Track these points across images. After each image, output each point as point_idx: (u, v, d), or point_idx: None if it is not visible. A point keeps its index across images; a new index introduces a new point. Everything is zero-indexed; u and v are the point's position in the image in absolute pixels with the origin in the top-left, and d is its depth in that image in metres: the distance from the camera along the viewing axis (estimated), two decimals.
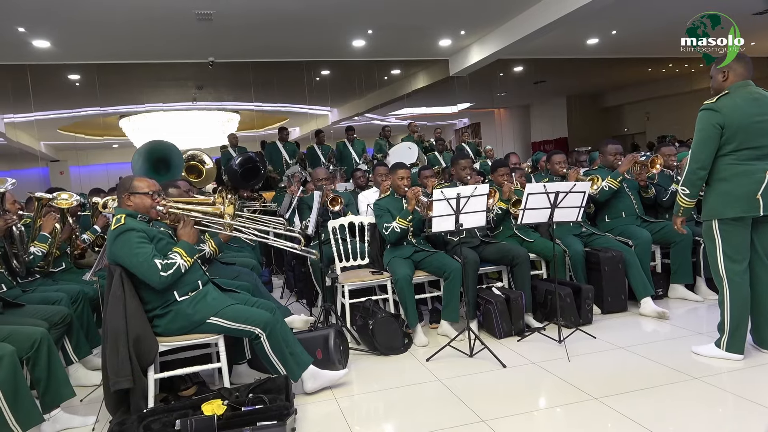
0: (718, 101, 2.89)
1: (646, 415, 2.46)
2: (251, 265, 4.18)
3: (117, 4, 6.86)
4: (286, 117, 15.94)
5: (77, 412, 2.87)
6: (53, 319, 3.08)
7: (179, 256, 2.75)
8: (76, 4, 6.72)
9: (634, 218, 4.40)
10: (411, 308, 3.72)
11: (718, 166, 2.94)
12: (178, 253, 2.77)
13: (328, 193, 4.61)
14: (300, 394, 2.91)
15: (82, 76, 10.37)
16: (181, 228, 2.90)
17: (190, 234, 2.89)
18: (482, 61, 10.13)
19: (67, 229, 3.99)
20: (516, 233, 4.26)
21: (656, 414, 2.47)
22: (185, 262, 2.76)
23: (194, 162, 5.68)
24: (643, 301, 3.97)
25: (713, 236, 2.98)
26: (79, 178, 15.40)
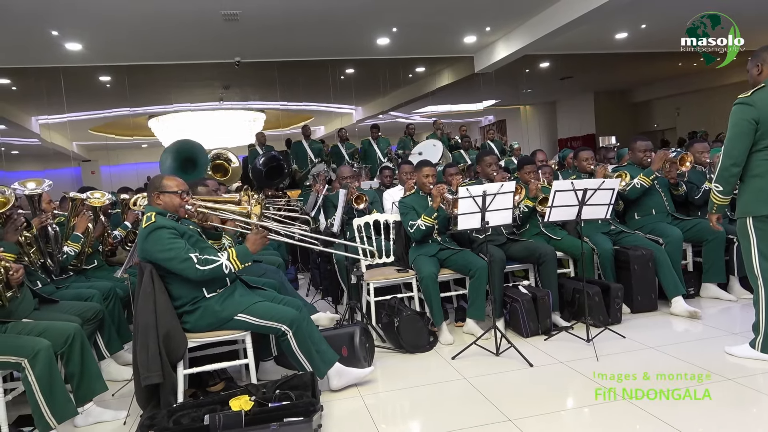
0: (753, 95, 2.81)
1: (676, 416, 2.40)
2: (277, 263, 4.22)
3: (145, 7, 6.99)
4: (311, 116, 16.06)
5: (109, 406, 2.94)
6: (86, 315, 3.16)
7: (227, 256, 2.77)
8: (106, 7, 6.87)
9: (664, 216, 4.30)
10: (436, 306, 3.71)
11: (752, 162, 2.86)
12: (228, 252, 2.79)
13: (353, 191, 4.62)
14: (326, 391, 2.93)
15: (113, 78, 10.59)
16: (252, 234, 2.90)
17: (256, 242, 2.87)
18: (508, 57, 10.02)
19: (100, 227, 4.08)
20: (543, 231, 4.21)
21: (687, 415, 2.42)
22: (232, 264, 2.76)
23: (220, 161, 5.75)
24: (674, 301, 3.88)
25: (748, 234, 2.90)
26: (109, 177, 15.75)
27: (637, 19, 9.44)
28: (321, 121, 17.53)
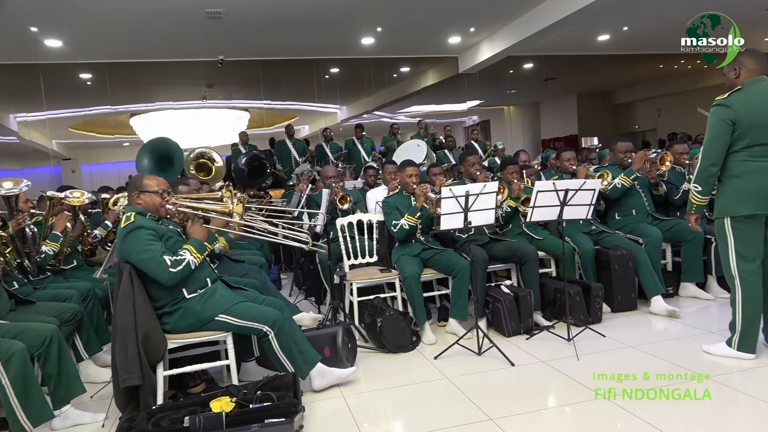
0: (730, 97, 2.86)
1: (655, 414, 2.44)
2: (260, 262, 4.19)
3: (127, 4, 6.90)
4: (295, 115, 15.98)
5: (87, 408, 2.90)
6: (64, 316, 3.11)
7: (189, 253, 2.77)
8: (87, 3, 6.77)
9: (644, 216, 4.36)
10: (419, 306, 3.71)
11: (730, 163, 2.90)
12: (188, 249, 2.78)
13: (336, 191, 4.61)
14: (308, 392, 2.92)
15: (94, 75, 10.45)
16: (190, 226, 2.92)
17: (199, 231, 2.90)
18: (492, 58, 10.08)
19: (79, 227, 4.02)
20: (525, 231, 4.23)
21: (666, 413, 2.45)
22: (195, 258, 2.78)
23: (204, 160, 5.71)
24: (654, 300, 3.93)
25: (725, 234, 2.95)
26: (90, 176, 15.54)
27: (619, 22, 9.55)
28: (305, 120, 17.46)
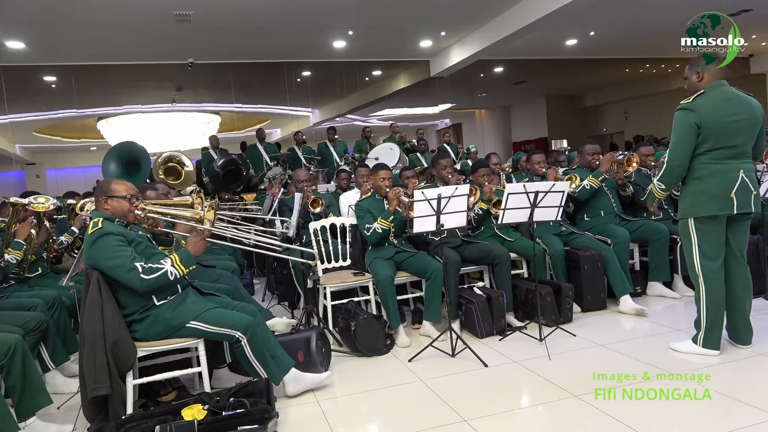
0: (695, 101, 2.94)
1: (626, 411, 2.49)
2: (232, 267, 4.15)
3: (93, 4, 6.76)
4: (267, 118, 15.88)
5: (54, 420, 2.82)
6: (28, 325, 3.02)
7: (170, 263, 2.70)
8: (50, 4, 6.61)
9: (612, 217, 4.45)
10: (393, 309, 3.72)
11: (694, 165, 2.99)
12: (172, 259, 2.72)
13: (308, 195, 4.59)
14: (282, 398, 2.89)
15: (59, 78, 10.20)
16: (192, 236, 2.84)
17: (197, 244, 2.81)
18: (463, 62, 10.18)
19: (44, 233, 3.92)
20: (497, 233, 4.28)
21: (636, 410, 2.50)
22: (176, 269, 2.70)
23: (173, 163, 5.63)
24: (622, 299, 4.02)
25: (689, 234, 3.03)
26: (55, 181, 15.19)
27: (586, 27, 9.75)
28: (277, 123, 17.37)
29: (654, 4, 8.54)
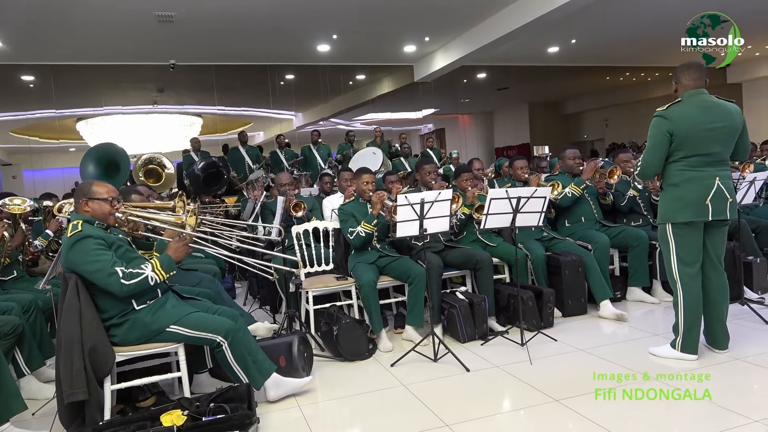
0: (669, 109, 2.99)
1: (606, 416, 2.51)
2: (213, 271, 4.11)
3: (73, 4, 6.67)
4: (250, 121, 15.79)
5: (29, 426, 2.77)
6: (3, 329, 2.96)
7: (151, 268, 2.67)
8: (30, 2, 6.50)
9: (593, 223, 4.50)
10: (375, 313, 3.71)
11: (669, 172, 3.04)
12: (152, 264, 2.69)
13: (291, 199, 4.57)
14: (263, 403, 2.87)
15: (37, 78, 10.04)
16: (174, 241, 2.81)
17: (178, 249, 2.78)
18: (446, 67, 10.23)
19: (19, 236, 3.85)
20: (479, 238, 4.31)
21: (616, 415, 2.52)
22: (157, 275, 2.67)
23: (153, 165, 5.57)
24: (602, 304, 4.06)
25: (667, 239, 3.08)
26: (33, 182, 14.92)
27: (568, 35, 9.88)
28: (260, 126, 17.28)
29: (633, 14, 8.68)
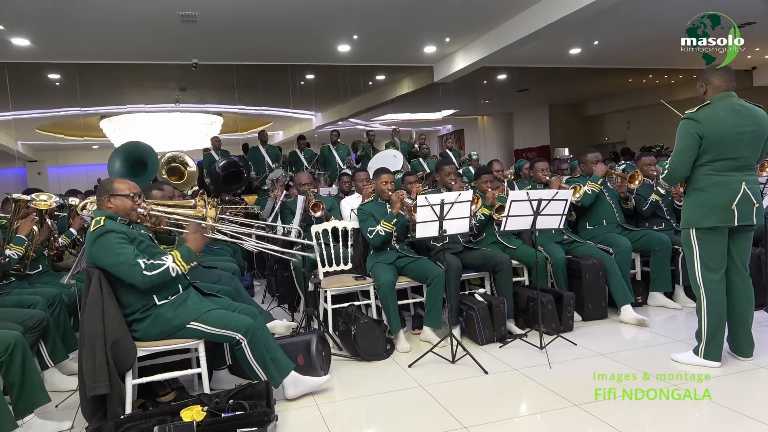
0: (699, 111, 2.94)
1: (625, 422, 2.48)
2: (233, 269, 4.14)
3: (99, 4, 6.78)
4: (269, 120, 15.89)
5: (52, 417, 2.82)
6: (28, 322, 3.02)
7: (172, 259, 2.71)
8: (56, 2, 6.63)
9: (614, 226, 4.45)
10: (393, 314, 3.71)
11: (695, 176, 2.99)
12: (173, 255, 2.72)
13: (310, 199, 4.59)
14: (281, 400, 2.89)
15: (63, 76, 10.21)
16: (190, 233, 2.85)
17: (196, 240, 2.82)
18: (466, 68, 10.19)
19: (45, 231, 3.92)
20: (499, 240, 4.28)
21: (635, 421, 2.49)
22: (178, 266, 2.71)
23: (176, 164, 5.63)
24: (623, 309, 4.01)
25: (691, 244, 3.03)
26: (57, 179, 15.16)
27: (590, 36, 9.76)
28: (280, 126, 17.37)
29: (658, 14, 8.55)
